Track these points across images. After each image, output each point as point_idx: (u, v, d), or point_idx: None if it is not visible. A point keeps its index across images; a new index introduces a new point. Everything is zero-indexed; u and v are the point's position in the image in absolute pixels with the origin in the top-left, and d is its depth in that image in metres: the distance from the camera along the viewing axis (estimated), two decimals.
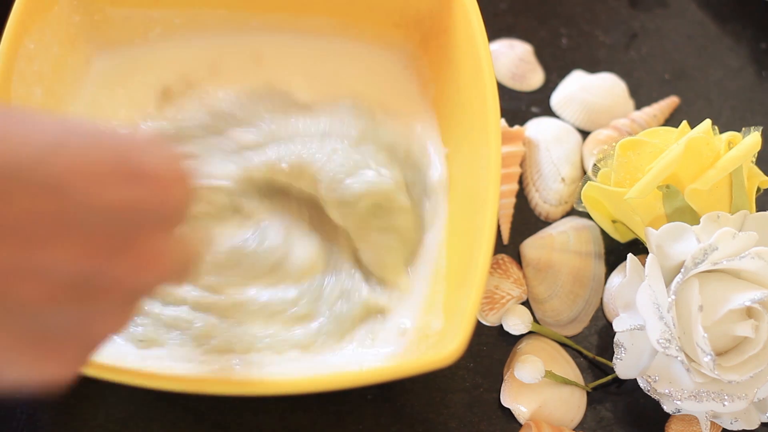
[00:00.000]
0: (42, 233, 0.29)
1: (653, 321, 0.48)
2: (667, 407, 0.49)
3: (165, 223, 0.33)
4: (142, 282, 0.33)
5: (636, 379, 0.50)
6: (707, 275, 0.48)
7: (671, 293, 0.47)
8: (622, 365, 0.50)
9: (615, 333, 0.50)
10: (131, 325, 0.49)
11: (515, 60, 0.64)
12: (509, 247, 0.57)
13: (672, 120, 0.62)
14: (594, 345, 0.55)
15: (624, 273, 0.52)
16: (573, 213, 0.59)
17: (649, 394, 0.50)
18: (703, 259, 0.48)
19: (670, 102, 0.63)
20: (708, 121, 0.52)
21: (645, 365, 0.50)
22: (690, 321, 0.47)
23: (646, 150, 0.52)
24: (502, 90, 0.62)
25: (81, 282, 0.30)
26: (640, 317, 0.49)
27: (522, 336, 0.54)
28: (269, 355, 0.48)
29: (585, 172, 0.59)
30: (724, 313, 0.47)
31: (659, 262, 0.48)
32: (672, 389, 0.49)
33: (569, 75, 0.64)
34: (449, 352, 0.42)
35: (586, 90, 0.62)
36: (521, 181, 0.60)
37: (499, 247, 0.57)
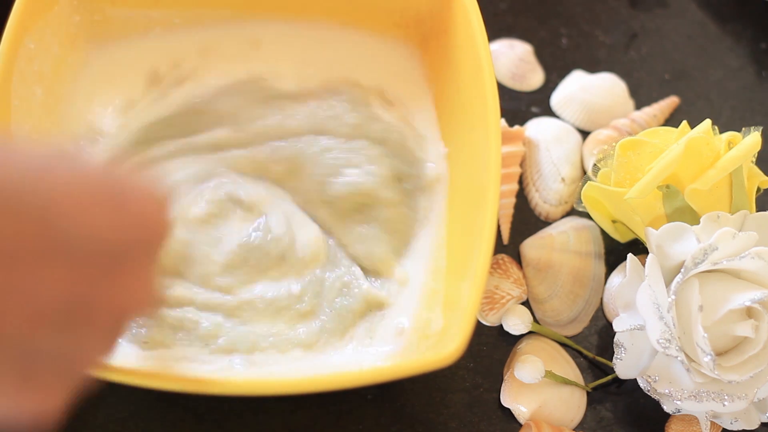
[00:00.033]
0: (26, 258, 0.29)
1: (653, 321, 0.48)
2: (667, 407, 0.49)
3: (148, 252, 0.33)
4: (126, 309, 0.32)
5: (636, 379, 0.50)
6: (707, 275, 0.48)
7: (671, 293, 0.47)
8: (622, 365, 0.50)
9: (615, 333, 0.50)
10: (134, 327, 0.49)
11: (515, 60, 0.63)
12: (509, 247, 0.57)
13: (672, 120, 0.62)
14: (594, 345, 0.55)
15: (624, 273, 0.52)
16: (573, 213, 0.59)
17: (649, 394, 0.50)
18: (703, 259, 0.48)
19: (670, 102, 0.63)
20: (708, 121, 0.52)
21: (645, 365, 0.50)
22: (690, 321, 0.47)
23: (646, 150, 0.52)
24: (502, 90, 0.62)
25: (66, 308, 0.30)
26: (640, 317, 0.49)
27: (522, 336, 0.54)
28: (273, 354, 0.49)
29: (585, 172, 0.59)
30: (724, 313, 0.47)
31: (659, 262, 0.48)
32: (672, 389, 0.49)
33: (569, 75, 0.64)
34: (449, 352, 0.42)
35: (586, 90, 0.62)
36: (521, 181, 0.60)
37: (499, 247, 0.57)
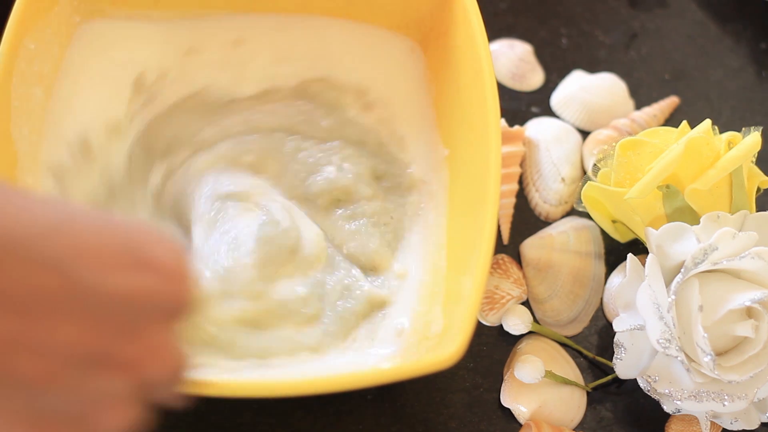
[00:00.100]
0: (41, 308, 0.28)
1: (653, 321, 0.48)
2: (667, 407, 0.49)
3: (169, 316, 0.32)
4: (145, 369, 0.31)
5: (636, 379, 0.50)
6: (707, 275, 0.48)
7: (671, 293, 0.47)
8: (622, 365, 0.50)
9: (615, 333, 0.50)
10: None
11: (515, 60, 0.63)
12: (509, 247, 0.57)
13: (672, 120, 0.62)
14: (594, 345, 0.55)
15: (624, 273, 0.52)
16: (573, 213, 0.59)
17: (649, 394, 0.50)
18: (703, 259, 0.48)
19: (670, 102, 0.63)
20: (708, 121, 0.52)
21: (645, 365, 0.50)
22: (690, 321, 0.47)
23: (646, 150, 0.52)
24: (502, 90, 0.62)
25: (81, 361, 0.29)
26: (640, 317, 0.49)
27: (522, 336, 0.54)
28: (284, 358, 0.48)
29: (585, 172, 0.59)
30: (724, 313, 0.47)
31: (659, 262, 0.48)
32: (672, 389, 0.49)
33: (569, 75, 0.64)
34: (449, 353, 0.42)
35: (586, 90, 0.62)
36: (521, 181, 0.60)
37: (499, 247, 0.57)
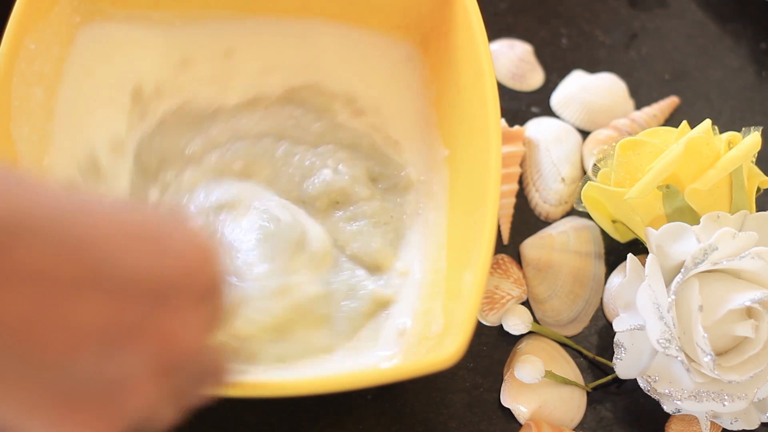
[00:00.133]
0: (64, 285, 0.28)
1: (653, 321, 0.48)
2: (667, 407, 0.50)
3: (193, 298, 0.32)
4: (173, 348, 0.31)
5: (636, 379, 0.50)
6: (707, 275, 0.49)
7: (671, 293, 0.47)
8: (622, 365, 0.50)
9: (615, 333, 0.50)
10: None
11: (515, 60, 0.63)
12: (509, 247, 0.57)
13: (672, 120, 0.62)
14: (594, 345, 0.55)
15: (624, 273, 0.52)
16: (573, 213, 0.59)
17: (649, 394, 0.50)
18: (703, 259, 0.48)
19: (670, 102, 0.63)
20: (708, 121, 0.52)
21: (645, 365, 0.50)
22: (690, 321, 0.47)
23: (646, 150, 0.52)
24: (502, 90, 0.62)
25: (107, 336, 0.29)
26: (640, 317, 0.49)
27: (522, 336, 0.54)
28: (303, 361, 0.48)
29: (585, 172, 0.59)
30: (724, 313, 0.47)
31: (659, 262, 0.48)
32: (672, 389, 0.49)
33: (569, 75, 0.64)
34: (449, 354, 0.42)
35: (586, 90, 0.62)
36: (521, 181, 0.60)
37: (499, 247, 0.57)
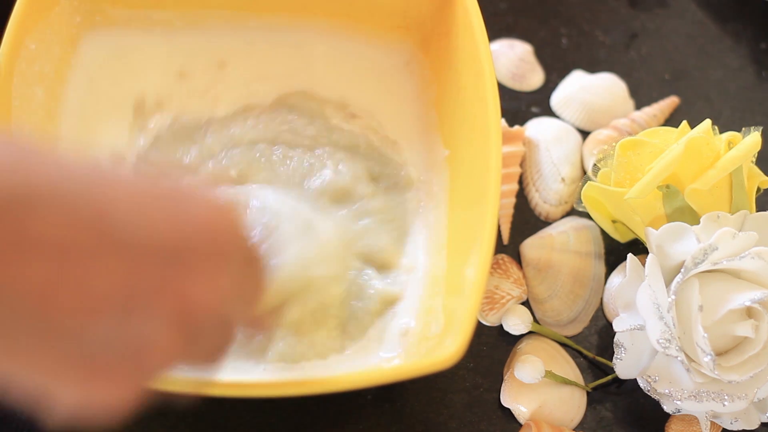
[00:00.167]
0: (80, 251, 0.29)
1: (653, 321, 0.48)
2: (667, 407, 0.50)
3: (214, 258, 0.32)
4: (192, 308, 0.32)
5: (636, 379, 0.50)
6: (707, 275, 0.49)
7: (671, 293, 0.47)
8: (622, 365, 0.50)
9: (615, 333, 0.50)
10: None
11: (515, 60, 0.64)
12: (509, 247, 0.58)
13: (672, 120, 0.62)
14: (594, 345, 0.55)
15: (624, 273, 0.52)
16: (573, 213, 0.59)
17: (649, 394, 0.50)
18: (703, 259, 0.48)
19: (670, 102, 0.63)
20: (708, 121, 0.52)
21: (645, 365, 0.50)
22: (690, 321, 0.47)
23: (646, 150, 0.52)
24: (502, 90, 0.62)
25: (124, 299, 0.30)
26: (640, 317, 0.49)
27: (522, 336, 0.54)
28: (315, 361, 0.49)
29: (585, 172, 0.59)
30: (724, 313, 0.47)
31: (659, 262, 0.48)
32: (672, 389, 0.49)
33: (569, 75, 0.64)
34: (450, 353, 0.42)
35: (586, 90, 0.62)
36: (521, 181, 0.60)
37: (499, 247, 0.57)
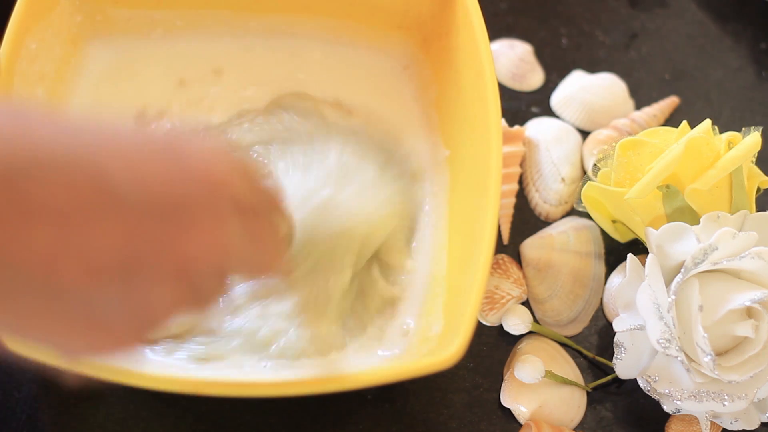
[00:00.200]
0: (78, 214, 0.29)
1: (653, 321, 0.48)
2: (667, 407, 0.50)
3: (213, 206, 0.33)
4: (192, 260, 0.32)
5: (636, 379, 0.50)
6: (707, 275, 0.49)
7: (671, 293, 0.47)
8: (622, 365, 0.50)
9: (615, 333, 0.50)
10: (193, 344, 0.48)
11: (515, 60, 0.64)
12: (509, 247, 0.58)
13: (672, 120, 0.62)
14: (594, 345, 0.55)
15: (624, 273, 0.52)
16: (573, 213, 0.59)
17: (649, 394, 0.50)
18: (703, 259, 0.48)
19: (670, 102, 0.63)
20: (708, 121, 0.52)
21: (645, 365, 0.50)
22: (690, 321, 0.47)
23: (646, 150, 0.52)
24: (502, 90, 0.62)
25: (124, 260, 0.30)
26: (640, 317, 0.49)
27: (522, 336, 0.54)
28: (316, 358, 0.49)
29: (585, 172, 0.59)
30: (724, 313, 0.47)
31: (659, 262, 0.48)
32: (672, 389, 0.49)
33: (569, 75, 0.64)
34: (450, 354, 0.42)
35: (586, 90, 0.62)
36: (521, 181, 0.60)
37: (499, 247, 0.57)
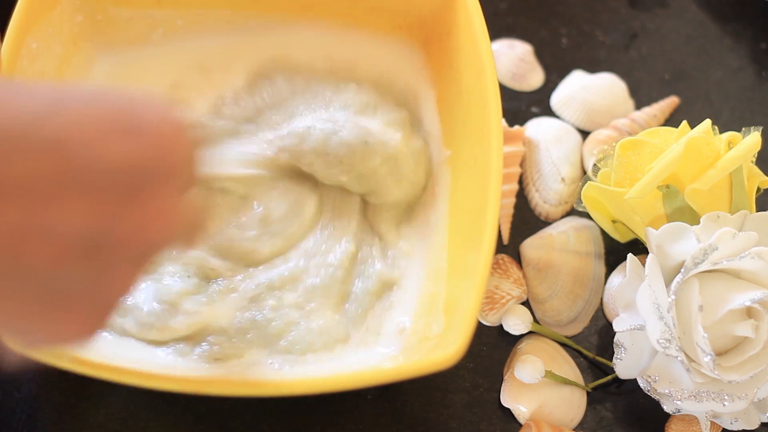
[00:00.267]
0: (45, 194, 0.29)
1: (653, 321, 0.48)
2: (667, 407, 0.50)
3: (169, 181, 0.33)
4: (150, 239, 0.32)
5: (636, 379, 0.50)
6: (707, 275, 0.49)
7: (671, 293, 0.47)
8: (622, 365, 0.50)
9: (615, 333, 0.50)
10: (207, 345, 0.48)
11: (515, 60, 0.64)
12: (509, 247, 0.58)
13: (672, 120, 0.62)
14: (594, 345, 0.55)
15: (624, 273, 0.52)
16: (573, 213, 0.59)
17: (649, 394, 0.50)
18: (703, 259, 0.48)
19: (670, 102, 0.63)
20: (708, 121, 0.52)
21: (645, 365, 0.50)
22: (690, 321, 0.47)
23: (646, 150, 0.52)
24: (502, 90, 0.61)
25: (88, 241, 0.30)
26: (640, 317, 0.49)
27: (522, 336, 0.54)
28: (322, 353, 0.49)
29: (585, 172, 0.59)
30: (724, 313, 0.47)
31: (659, 262, 0.48)
32: (672, 389, 0.49)
33: (569, 75, 0.64)
34: (450, 354, 0.42)
35: (586, 90, 0.62)
36: (521, 181, 0.60)
37: (499, 247, 0.57)
